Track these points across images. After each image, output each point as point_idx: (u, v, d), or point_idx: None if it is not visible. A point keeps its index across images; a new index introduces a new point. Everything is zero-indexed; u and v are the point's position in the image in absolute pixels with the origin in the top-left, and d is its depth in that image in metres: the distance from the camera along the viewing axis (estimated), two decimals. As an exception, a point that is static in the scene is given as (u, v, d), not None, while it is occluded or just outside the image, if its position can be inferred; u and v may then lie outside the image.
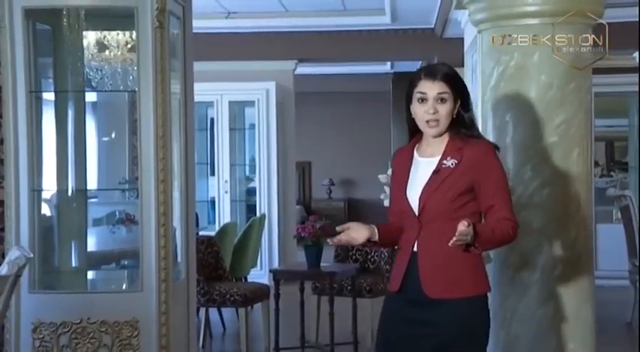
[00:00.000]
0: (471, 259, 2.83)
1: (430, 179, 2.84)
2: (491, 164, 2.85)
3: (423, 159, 2.91)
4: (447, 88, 2.83)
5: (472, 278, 2.86)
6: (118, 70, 4.86)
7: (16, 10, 4.09)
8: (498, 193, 2.84)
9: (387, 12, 8.18)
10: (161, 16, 4.13)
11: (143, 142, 4.20)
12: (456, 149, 2.84)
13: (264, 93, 9.05)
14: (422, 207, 2.83)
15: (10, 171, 4.21)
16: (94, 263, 5.02)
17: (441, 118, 2.83)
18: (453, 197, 2.81)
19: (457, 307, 2.82)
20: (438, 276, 2.83)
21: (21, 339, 4.15)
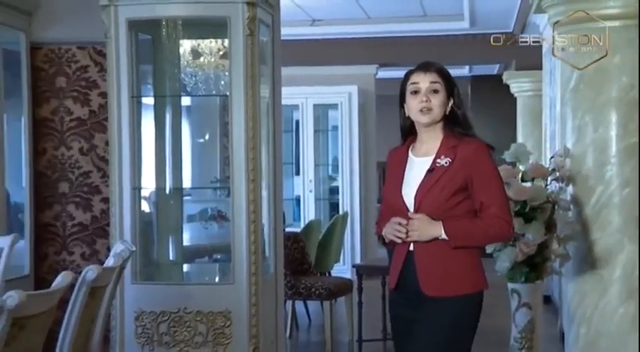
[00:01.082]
0: (468, 257, 2.74)
1: (425, 178, 2.74)
2: (483, 161, 2.74)
3: (417, 158, 2.80)
4: (439, 79, 2.75)
5: (469, 276, 2.76)
6: (211, 75, 4.94)
7: (121, 22, 4.21)
8: (489, 190, 2.72)
9: (465, 17, 8.08)
10: (252, 24, 4.18)
11: (234, 144, 4.25)
12: (450, 148, 2.74)
13: (346, 97, 9.08)
14: (417, 206, 2.72)
15: (114, 171, 4.33)
16: (188, 256, 5.13)
17: (434, 107, 2.74)
18: (447, 195, 2.70)
19: (454, 304, 2.72)
20: (434, 274, 2.72)
21: (125, 326, 4.27)
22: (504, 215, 2.73)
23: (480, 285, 2.77)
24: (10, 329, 2.23)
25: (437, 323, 2.71)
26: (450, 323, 2.71)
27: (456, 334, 2.74)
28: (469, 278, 2.75)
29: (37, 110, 4.74)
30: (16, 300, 2.20)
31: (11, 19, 4.51)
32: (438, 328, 2.71)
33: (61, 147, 4.76)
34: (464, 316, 2.75)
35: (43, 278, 4.66)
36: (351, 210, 8.96)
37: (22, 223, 4.75)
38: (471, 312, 2.77)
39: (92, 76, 4.74)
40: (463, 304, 2.73)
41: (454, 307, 2.71)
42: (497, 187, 2.76)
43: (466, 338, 2.79)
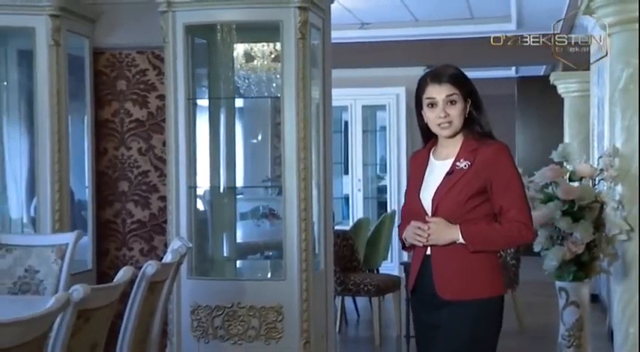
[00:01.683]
0: (486, 261, 2.63)
1: (443, 180, 2.63)
2: (503, 164, 2.62)
3: (438, 161, 2.70)
4: (454, 90, 2.61)
5: (487, 280, 2.63)
6: (263, 78, 4.97)
7: (179, 27, 4.26)
8: (508, 193, 2.60)
9: (512, 19, 7.98)
10: (303, 28, 4.20)
11: (286, 144, 4.27)
12: (470, 150, 2.63)
13: (394, 98, 9.04)
14: (435, 209, 2.62)
15: (171, 170, 4.39)
16: (241, 253, 5.17)
17: (453, 120, 2.62)
18: (465, 198, 2.59)
19: (471, 308, 2.60)
20: (451, 278, 2.62)
21: (181, 320, 4.32)
22: (524, 219, 2.61)
23: (498, 290, 2.66)
24: (76, 321, 2.28)
25: (455, 328, 2.60)
26: (468, 329, 2.60)
27: (475, 340, 2.62)
28: (487, 283, 2.63)
29: (99, 112, 4.82)
30: (81, 293, 2.25)
31: (77, 27, 4.59)
32: (456, 333, 2.60)
33: (121, 148, 4.83)
34: (482, 321, 2.62)
35: (105, 272, 4.75)
36: (399, 209, 8.90)
37: (84, 220, 4.84)
38: (489, 317, 2.64)
39: (151, 80, 4.80)
40: (481, 309, 2.61)
41: (471, 311, 2.60)
42: (517, 190, 2.63)
43: (487, 345, 2.66)
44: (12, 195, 4.93)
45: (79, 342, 2.36)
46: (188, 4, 4.25)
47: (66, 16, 4.44)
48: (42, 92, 4.41)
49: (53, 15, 4.35)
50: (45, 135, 4.42)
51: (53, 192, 4.42)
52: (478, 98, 2.68)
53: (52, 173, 4.43)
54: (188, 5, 4.26)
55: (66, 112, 4.50)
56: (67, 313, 2.23)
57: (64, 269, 3.73)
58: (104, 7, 4.75)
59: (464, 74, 2.68)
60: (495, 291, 2.65)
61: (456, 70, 2.67)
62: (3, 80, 4.90)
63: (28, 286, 3.75)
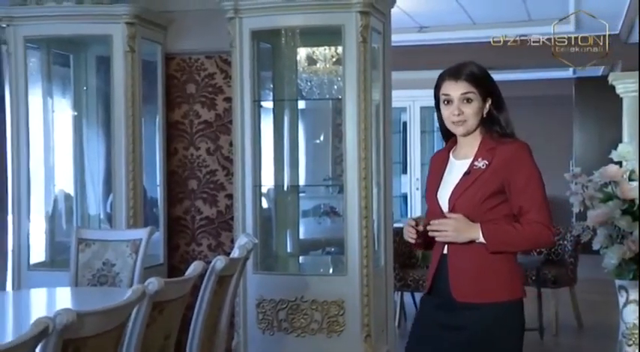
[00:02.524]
0: (505, 263, 2.46)
1: (461, 180, 2.49)
2: (523, 163, 2.47)
3: (457, 161, 2.55)
4: (471, 88, 2.46)
5: (504, 284, 2.46)
6: (325, 80, 4.98)
7: (245, 32, 4.31)
8: (527, 194, 2.44)
9: (571, 20, 7.80)
10: (365, 32, 4.20)
11: (348, 144, 4.28)
12: (488, 149, 2.48)
13: (452, 99, 8.96)
14: (451, 208, 2.47)
15: (237, 169, 4.45)
16: (304, 249, 5.19)
17: (468, 118, 2.47)
18: (482, 198, 2.44)
19: (486, 312, 2.44)
20: (467, 280, 2.46)
21: (247, 313, 4.37)
22: (544, 220, 2.45)
23: (516, 293, 2.49)
24: (151, 312, 2.32)
25: (471, 332, 2.44)
26: (484, 333, 2.44)
27: (492, 345, 2.46)
28: (504, 286, 2.47)
29: (170, 114, 4.90)
30: (156, 286, 2.30)
31: (150, 34, 4.69)
32: (472, 338, 2.44)
33: (190, 148, 4.91)
34: (502, 326, 2.46)
35: (175, 266, 4.83)
36: (457, 207, 8.83)
37: (156, 217, 4.93)
38: (509, 322, 2.48)
39: (218, 83, 4.86)
40: (497, 312, 2.45)
41: (487, 315, 2.44)
42: (537, 190, 2.47)
43: (506, 349, 2.50)
44: (90, 193, 5.06)
45: (154, 332, 2.41)
46: (254, 11, 4.30)
47: (140, 24, 4.53)
48: (118, 96, 4.51)
49: (129, 23, 4.45)
50: (120, 137, 4.52)
51: (128, 190, 4.52)
52: (499, 98, 2.54)
53: (127, 172, 4.53)
54: (254, 11, 4.30)
55: (140, 115, 4.60)
56: (142, 304, 2.28)
57: (138, 263, 3.82)
58: (175, 14, 4.83)
59: (485, 73, 2.53)
60: (514, 295, 2.49)
61: (476, 69, 2.52)
62: (83, 85, 5.03)
63: (106, 278, 3.85)
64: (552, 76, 11.55)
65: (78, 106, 5.01)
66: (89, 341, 1.96)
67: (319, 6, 4.24)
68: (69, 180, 5.00)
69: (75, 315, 1.85)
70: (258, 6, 4.29)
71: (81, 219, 4.98)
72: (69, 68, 5.01)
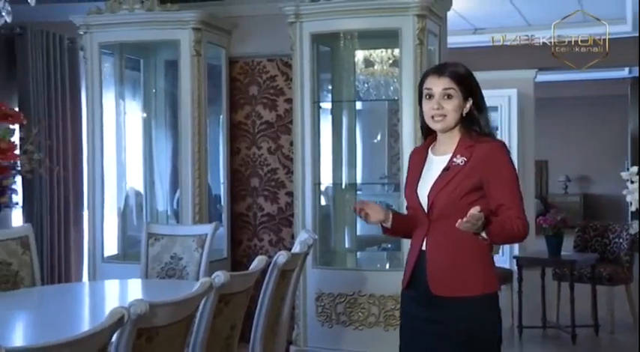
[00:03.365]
0: (480, 258, 2.45)
1: (439, 176, 2.47)
2: (501, 161, 2.44)
3: (436, 157, 2.53)
4: (452, 84, 2.43)
5: (480, 277, 2.45)
6: (381, 82, 4.97)
7: (305, 36, 4.34)
8: (508, 191, 2.43)
9: (627, 20, 7.59)
10: (421, 34, 4.17)
11: (404, 143, 4.26)
12: (467, 147, 2.46)
13: (506, 100, 8.83)
14: (430, 204, 2.47)
15: (297, 168, 4.47)
16: (361, 245, 5.19)
17: (447, 113, 2.44)
18: (460, 194, 2.43)
19: (463, 305, 2.43)
20: (444, 274, 2.45)
21: (307, 306, 4.39)
22: (524, 215, 2.45)
23: (491, 287, 2.48)
24: (218, 304, 2.36)
25: (449, 325, 2.44)
26: (461, 325, 2.43)
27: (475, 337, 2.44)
28: (479, 280, 2.45)
29: (233, 115, 4.96)
30: (222, 279, 2.33)
31: (215, 38, 4.75)
32: (451, 330, 2.44)
33: (252, 147, 4.95)
34: (475, 319, 2.44)
35: (238, 260, 4.88)
36: (510, 205, 8.70)
37: (220, 213, 5.00)
38: (485, 314, 2.46)
39: (279, 85, 4.89)
40: (473, 306, 2.44)
41: (463, 308, 2.43)
42: (515, 188, 2.46)
43: (488, 342, 2.48)
44: (158, 190, 5.16)
45: (221, 323, 2.44)
46: (314, 15, 4.32)
47: (206, 29, 4.60)
48: (185, 98, 4.59)
49: (195, 28, 4.52)
50: (187, 137, 4.59)
51: (194, 188, 4.59)
52: (481, 99, 2.50)
53: (193, 170, 4.60)
54: (314, 16, 4.32)
55: (205, 116, 4.66)
56: (210, 297, 2.31)
57: (204, 257, 3.87)
58: (238, 19, 4.88)
59: (469, 73, 2.51)
60: (488, 288, 2.47)
61: (461, 68, 2.51)
62: (152, 88, 5.13)
63: (174, 271, 3.92)
64: (607, 76, 11.25)
65: (147, 108, 5.12)
66: (161, 331, 2.00)
67: (377, 10, 4.23)
68: (139, 178, 5.11)
69: (148, 306, 1.89)
70: (318, 10, 4.30)
71: (150, 214, 5.08)
72: (139, 72, 5.12)
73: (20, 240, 3.66)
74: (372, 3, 4.22)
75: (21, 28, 5.55)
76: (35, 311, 3.33)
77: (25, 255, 3.65)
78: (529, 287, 5.70)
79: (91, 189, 4.77)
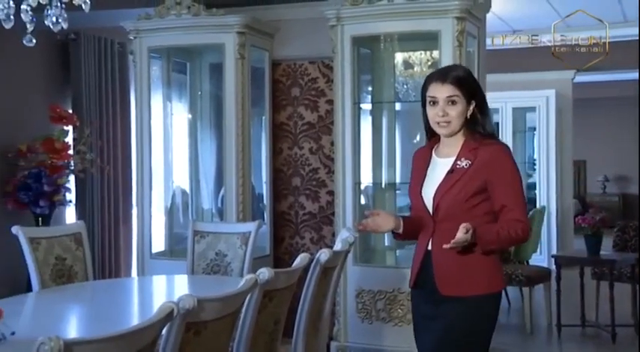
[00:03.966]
0: (486, 257, 2.44)
1: (444, 179, 2.47)
2: (504, 164, 2.44)
3: (440, 159, 2.53)
4: (457, 91, 2.43)
5: (486, 277, 2.46)
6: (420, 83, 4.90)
7: (346, 39, 4.33)
8: (510, 194, 2.42)
9: (667, 20, 7.41)
10: (461, 36, 4.13)
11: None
12: (470, 150, 2.45)
13: (544, 100, 8.70)
14: (436, 206, 2.46)
15: (338, 168, 4.47)
16: (400, 243, 5.14)
17: (452, 120, 2.45)
18: (465, 197, 2.42)
19: (467, 303, 2.43)
20: (451, 274, 2.45)
21: (348, 302, 4.38)
22: (525, 218, 2.45)
23: (496, 286, 2.50)
24: (262, 300, 2.37)
25: (452, 321, 2.44)
26: (464, 322, 2.44)
27: (471, 332, 2.46)
28: (485, 279, 2.46)
29: (276, 116, 4.97)
30: (267, 276, 2.34)
31: (259, 42, 4.77)
32: (453, 326, 2.44)
33: (294, 147, 4.97)
34: (479, 315, 2.46)
35: (280, 258, 4.90)
36: (548, 205, 8.58)
37: (262, 211, 5.02)
38: (486, 312, 2.48)
39: (320, 86, 4.89)
40: (478, 303, 2.44)
41: (469, 306, 2.43)
42: (518, 190, 2.46)
43: (481, 338, 2.49)
44: (203, 189, 5.21)
45: (265, 318, 2.45)
46: (355, 18, 4.31)
47: (250, 33, 4.62)
48: (229, 100, 4.62)
49: (240, 32, 4.55)
50: (231, 137, 4.63)
51: (237, 187, 4.62)
52: (483, 100, 2.50)
53: (237, 170, 4.63)
54: (355, 19, 4.31)
55: (248, 117, 4.69)
56: (254, 293, 2.33)
57: (248, 254, 3.90)
58: (281, 23, 4.89)
59: (470, 76, 2.52)
60: (494, 287, 2.49)
61: (463, 72, 2.52)
62: (198, 90, 5.18)
63: (218, 267, 3.95)
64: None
65: (193, 109, 5.17)
66: (208, 325, 2.02)
67: (417, 13, 4.20)
68: (185, 177, 5.17)
69: (196, 301, 1.91)
70: (359, 14, 4.29)
71: (195, 212, 5.13)
72: (185, 75, 5.18)
73: (74, 237, 3.74)
74: (412, 6, 4.20)
75: (75, 34, 5.67)
76: (88, 305, 3.40)
77: (78, 251, 3.73)
78: (568, 286, 5.61)
79: (140, 187, 4.83)
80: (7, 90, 5.49)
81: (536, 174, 9.05)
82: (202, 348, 2.05)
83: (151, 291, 3.77)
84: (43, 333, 1.54)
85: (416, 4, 4.20)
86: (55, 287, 3.52)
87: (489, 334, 2.52)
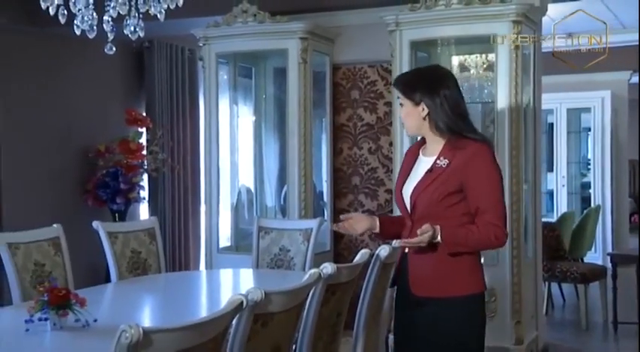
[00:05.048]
0: (465, 258, 2.31)
1: (422, 178, 2.37)
2: (480, 165, 2.30)
3: (424, 158, 2.45)
4: (400, 94, 2.43)
5: (465, 278, 2.32)
6: (476, 85, 4.85)
7: (405, 43, 4.30)
8: (484, 195, 2.29)
9: None
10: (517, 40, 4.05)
11: (499, 144, 4.15)
12: (451, 149, 2.34)
13: (599, 101, 8.46)
14: (413, 205, 2.37)
15: (396, 167, 4.41)
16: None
17: (404, 121, 2.45)
18: (440, 196, 2.31)
19: (447, 307, 2.30)
20: (426, 275, 2.34)
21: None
22: (499, 221, 2.29)
23: (476, 287, 2.35)
24: (325, 294, 2.37)
25: (437, 327, 2.33)
26: (448, 324, 2.32)
27: (460, 336, 2.33)
28: (464, 280, 2.33)
29: (336, 118, 4.98)
30: (329, 270, 2.34)
31: (320, 47, 4.79)
32: (439, 332, 2.33)
33: (354, 148, 4.96)
34: (462, 318, 2.32)
35: (340, 253, 4.90)
36: (603, 203, 8.34)
37: (323, 208, 5.03)
38: (470, 314, 2.34)
39: (379, 89, 4.88)
40: (458, 305, 2.31)
41: (448, 308, 2.31)
42: (493, 192, 2.31)
43: (473, 341, 2.36)
44: (267, 187, 5.26)
45: (328, 311, 2.45)
46: (413, 24, 4.27)
47: (312, 39, 4.64)
48: (292, 102, 4.65)
49: (302, 38, 4.57)
50: (293, 138, 4.65)
51: (300, 185, 4.64)
52: (433, 101, 2.35)
53: (299, 169, 4.65)
54: (413, 24, 4.27)
55: (310, 118, 4.71)
56: (318, 286, 2.33)
57: (310, 250, 3.91)
58: (341, 29, 4.89)
59: (416, 79, 2.43)
60: (474, 288, 2.35)
61: (412, 76, 2.50)
62: (262, 93, 5.23)
63: (282, 262, 3.98)
64: None
65: (258, 112, 5.22)
66: (275, 316, 2.03)
67: (474, 17, 4.14)
68: (250, 176, 5.22)
69: (263, 293, 1.93)
70: (417, 19, 4.25)
71: (260, 209, 5.18)
72: (251, 79, 5.24)
73: (148, 231, 3.82)
74: (469, 11, 4.14)
75: (149, 42, 5.81)
76: (161, 295, 3.47)
77: (151, 245, 3.81)
78: (623, 283, 5.43)
79: (208, 186, 4.91)
80: (89, 96, 5.67)
81: (591, 174, 8.82)
82: (269, 338, 2.07)
83: (219, 284, 3.82)
84: (121, 321, 1.58)
85: (472, 8, 4.14)
86: (131, 278, 3.61)
87: (479, 338, 2.39)
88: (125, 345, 1.50)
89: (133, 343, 1.50)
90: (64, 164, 5.45)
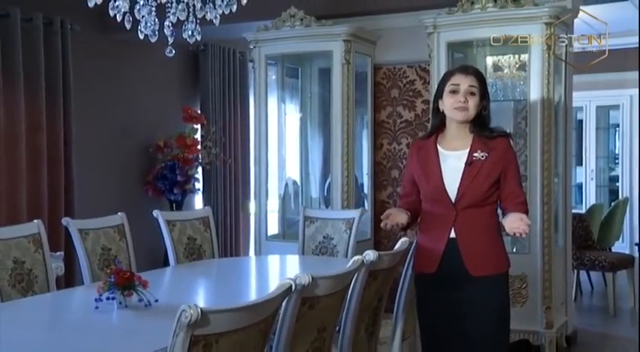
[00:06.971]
0: (498, 240, 2.50)
1: (465, 170, 2.45)
2: (512, 157, 2.51)
3: (449, 152, 2.50)
4: (476, 83, 2.48)
5: (501, 256, 2.51)
6: (509, 84, 4.76)
7: (442, 44, 4.24)
8: (516, 181, 2.49)
9: None
10: (549, 40, 3.97)
11: (531, 140, 4.09)
12: (483, 143, 2.47)
13: (628, 99, 8.22)
14: (460, 196, 2.44)
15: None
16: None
17: (470, 108, 2.46)
18: (487, 187, 2.44)
19: (495, 282, 2.46)
20: (478, 256, 2.45)
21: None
22: (526, 201, 2.52)
23: (508, 264, 2.54)
24: (368, 278, 2.36)
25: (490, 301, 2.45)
26: (500, 299, 2.48)
27: (505, 307, 2.50)
28: (503, 259, 2.51)
29: (377, 115, 4.94)
30: (372, 257, 2.33)
31: (362, 48, 4.75)
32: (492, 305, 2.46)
33: (393, 143, 4.92)
34: (506, 291, 2.51)
35: (380, 241, 4.87)
36: (631, 196, 8.12)
37: (364, 200, 5.01)
38: (506, 289, 2.52)
39: (417, 88, 4.82)
40: (503, 280, 2.50)
41: (498, 284, 2.47)
42: (520, 177, 2.54)
43: (509, 312, 2.53)
44: (312, 180, 5.26)
45: (369, 295, 2.44)
46: (450, 26, 4.21)
47: (355, 41, 4.61)
48: (335, 100, 4.63)
49: (346, 40, 4.55)
50: (337, 134, 4.64)
51: (342, 178, 4.63)
52: (489, 101, 2.54)
53: (342, 163, 4.64)
54: (450, 26, 4.21)
55: (352, 116, 4.68)
56: (361, 272, 2.32)
57: (352, 238, 3.90)
58: (382, 31, 4.85)
59: (484, 77, 2.59)
60: (508, 265, 2.54)
61: (480, 71, 2.58)
62: (307, 92, 5.23)
63: (326, 249, 3.98)
64: None
65: (303, 110, 5.22)
66: (321, 300, 2.03)
67: (508, 19, 4.06)
68: (296, 169, 5.23)
69: (311, 278, 1.93)
70: (454, 22, 4.19)
71: (305, 200, 5.19)
72: (297, 79, 5.23)
73: (202, 220, 3.86)
74: (504, 13, 4.05)
75: (204, 45, 5.86)
76: (214, 278, 3.50)
77: (206, 233, 3.85)
78: (650, 272, 5.29)
79: (257, 178, 4.93)
80: (149, 95, 5.75)
81: (619, 168, 8.60)
82: (315, 320, 2.07)
83: (267, 269, 3.84)
84: (180, 301, 1.60)
85: (507, 11, 4.05)
86: (187, 263, 3.66)
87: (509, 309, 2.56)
88: (185, 323, 1.52)
89: (192, 322, 1.52)
90: (127, 158, 5.55)
